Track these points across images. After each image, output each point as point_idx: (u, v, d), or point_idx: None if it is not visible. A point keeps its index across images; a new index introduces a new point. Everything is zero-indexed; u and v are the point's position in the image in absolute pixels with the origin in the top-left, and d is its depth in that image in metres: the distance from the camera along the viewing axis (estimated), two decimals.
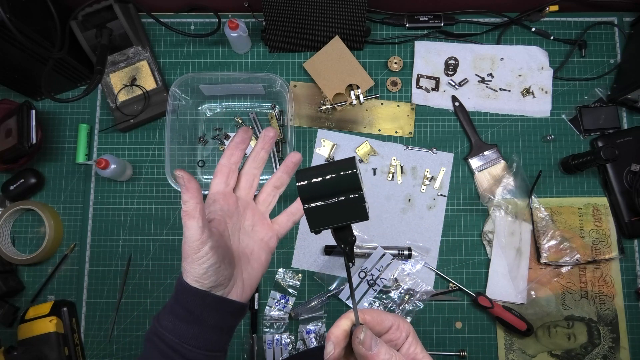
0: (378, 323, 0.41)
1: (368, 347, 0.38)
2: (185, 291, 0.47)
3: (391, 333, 0.42)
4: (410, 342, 0.42)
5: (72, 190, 1.01)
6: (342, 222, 0.41)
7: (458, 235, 0.97)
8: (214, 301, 0.48)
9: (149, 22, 1.04)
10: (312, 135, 1.01)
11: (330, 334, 0.40)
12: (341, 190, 0.40)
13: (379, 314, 0.42)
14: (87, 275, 0.98)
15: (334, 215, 0.41)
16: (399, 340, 0.42)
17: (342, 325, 0.40)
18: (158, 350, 0.47)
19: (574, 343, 0.93)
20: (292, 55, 1.04)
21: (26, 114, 0.92)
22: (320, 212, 0.41)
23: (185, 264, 0.46)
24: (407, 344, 0.42)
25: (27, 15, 0.82)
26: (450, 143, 1.00)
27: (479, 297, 0.92)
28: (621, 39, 1.03)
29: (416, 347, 0.42)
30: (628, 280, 0.95)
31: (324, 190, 0.40)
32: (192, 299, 0.47)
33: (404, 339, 0.42)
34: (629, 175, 0.94)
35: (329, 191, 0.40)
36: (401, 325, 0.42)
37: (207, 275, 0.46)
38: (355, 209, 0.40)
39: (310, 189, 0.40)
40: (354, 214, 0.40)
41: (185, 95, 0.98)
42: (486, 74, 1.02)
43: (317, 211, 0.41)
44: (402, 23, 1.03)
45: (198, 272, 0.46)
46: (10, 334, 0.95)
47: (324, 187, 0.40)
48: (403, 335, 0.42)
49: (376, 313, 0.42)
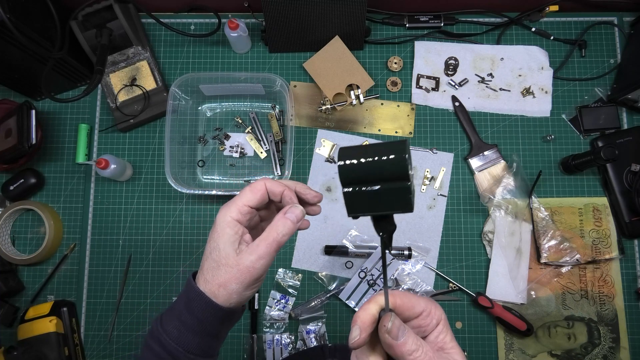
0: (409, 308, 0.39)
1: (395, 336, 0.36)
2: (204, 305, 0.46)
3: (421, 319, 0.40)
4: (440, 329, 0.40)
5: (72, 190, 1.01)
6: (383, 212, 0.37)
7: (458, 235, 0.97)
8: (227, 315, 0.47)
9: (149, 22, 1.04)
10: (312, 135, 1.01)
11: (356, 317, 0.38)
12: (386, 177, 0.36)
13: (410, 299, 0.40)
14: (87, 275, 0.98)
15: (376, 203, 0.37)
16: (429, 327, 0.40)
17: (370, 309, 0.38)
18: (156, 357, 0.47)
19: (574, 343, 0.93)
20: (292, 55, 1.04)
21: (26, 114, 0.92)
22: (360, 198, 0.37)
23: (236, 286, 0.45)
24: (436, 331, 0.40)
25: (27, 15, 0.82)
26: (450, 143, 1.00)
27: (479, 297, 0.92)
28: (621, 39, 1.03)
29: (446, 336, 0.40)
30: (628, 280, 0.95)
31: (367, 175, 0.36)
32: (210, 313, 0.46)
33: (433, 326, 0.40)
34: (629, 175, 0.94)
35: (373, 176, 0.36)
36: (432, 312, 0.40)
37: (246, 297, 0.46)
38: (399, 199, 0.36)
39: (352, 171, 0.36)
40: (397, 204, 0.37)
41: (185, 95, 0.98)
42: (486, 74, 1.02)
43: (356, 196, 0.37)
44: (402, 23, 1.03)
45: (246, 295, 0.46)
46: (10, 334, 0.95)
47: (367, 171, 0.36)
48: (434, 322, 0.40)
49: (407, 297, 0.40)
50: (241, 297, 0.46)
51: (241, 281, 0.45)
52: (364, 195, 0.37)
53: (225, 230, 0.46)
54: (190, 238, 0.99)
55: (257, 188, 0.48)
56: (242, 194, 0.48)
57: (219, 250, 0.45)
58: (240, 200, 0.48)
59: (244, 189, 0.49)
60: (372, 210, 0.37)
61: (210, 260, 0.46)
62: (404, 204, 0.36)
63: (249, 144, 1.01)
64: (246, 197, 0.48)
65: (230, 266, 0.45)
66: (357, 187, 0.37)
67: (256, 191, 0.48)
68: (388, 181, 0.36)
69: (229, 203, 0.48)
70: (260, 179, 0.50)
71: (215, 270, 0.45)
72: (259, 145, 1.01)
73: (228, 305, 0.46)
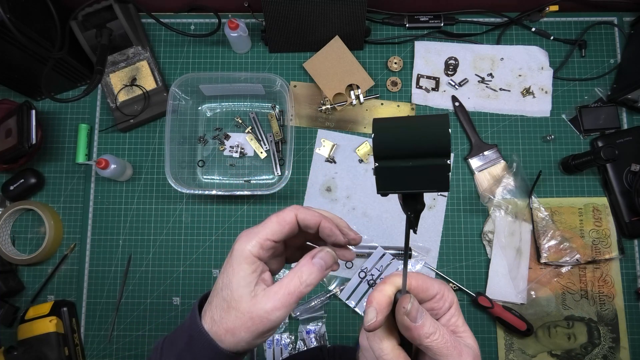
0: (423, 290, 0.38)
1: (413, 318, 0.35)
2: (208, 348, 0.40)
3: (434, 302, 0.39)
4: (453, 313, 0.39)
5: (72, 190, 1.01)
6: (416, 189, 0.34)
7: (458, 235, 0.97)
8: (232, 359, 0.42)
9: (149, 22, 1.04)
10: (312, 135, 1.01)
11: (372, 298, 0.36)
12: (425, 153, 0.33)
13: (425, 281, 0.38)
14: (87, 275, 0.98)
15: (409, 179, 0.34)
16: (441, 310, 0.39)
17: (386, 290, 0.37)
18: None
19: (574, 343, 0.93)
20: (292, 55, 1.04)
21: (26, 114, 0.92)
22: (393, 174, 0.34)
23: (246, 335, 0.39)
24: (448, 314, 0.39)
25: (27, 15, 0.82)
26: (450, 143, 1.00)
27: (479, 297, 0.92)
28: (621, 39, 1.03)
29: (458, 319, 0.40)
30: (628, 280, 0.95)
31: (404, 149, 0.33)
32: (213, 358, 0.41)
33: (446, 309, 0.39)
34: (629, 175, 0.94)
35: (411, 151, 0.33)
36: (445, 294, 0.39)
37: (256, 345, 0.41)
38: (437, 177, 0.33)
39: (388, 144, 0.33)
40: (433, 182, 0.33)
41: (185, 95, 0.98)
42: (486, 74, 1.02)
43: (389, 172, 0.34)
44: (402, 23, 1.03)
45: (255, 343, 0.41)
46: (10, 334, 0.95)
47: (405, 145, 0.33)
48: (446, 304, 0.39)
49: (422, 279, 0.38)
50: (250, 345, 0.41)
51: (252, 331, 0.39)
52: (397, 171, 0.33)
53: (241, 266, 0.40)
54: (190, 238, 0.99)
55: (286, 220, 0.42)
56: (266, 224, 0.41)
57: (231, 290, 0.40)
58: (264, 231, 0.41)
59: (270, 218, 0.42)
60: (404, 188, 0.34)
61: (220, 298, 0.40)
62: (440, 182, 0.33)
63: (249, 144, 1.01)
64: (271, 229, 0.41)
65: (241, 312, 0.39)
66: (391, 161, 0.33)
67: (284, 223, 0.41)
68: (426, 157, 0.33)
69: (250, 233, 0.41)
70: (291, 208, 0.42)
71: (224, 312, 0.40)
72: (259, 145, 1.01)
73: (235, 350, 0.41)
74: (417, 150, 0.33)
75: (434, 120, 0.32)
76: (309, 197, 0.99)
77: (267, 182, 1.00)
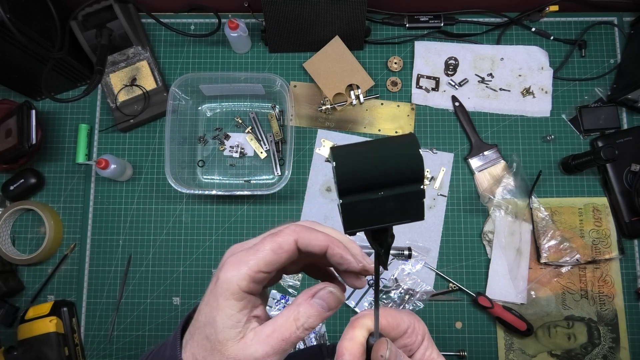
0: (394, 327, 0.34)
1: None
2: None
3: (406, 337, 0.35)
4: (426, 345, 0.36)
5: (72, 190, 1.01)
6: (389, 223, 0.30)
7: (458, 235, 0.97)
8: None
9: (149, 22, 1.04)
10: (312, 135, 1.01)
11: (343, 349, 0.32)
12: (396, 181, 0.29)
13: (395, 316, 0.35)
14: (87, 275, 0.98)
15: (380, 212, 0.30)
16: (414, 345, 0.36)
17: (357, 337, 0.33)
18: None
19: (574, 343, 0.93)
20: (292, 55, 1.04)
21: (26, 114, 0.92)
22: (362, 209, 0.30)
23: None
24: (422, 348, 0.36)
25: (27, 15, 0.82)
26: (450, 143, 1.00)
27: (479, 297, 0.92)
28: (621, 39, 1.03)
29: (432, 351, 0.36)
30: (628, 280, 0.95)
31: (372, 179, 0.29)
32: None
33: (419, 343, 0.36)
34: (629, 175, 0.94)
35: (379, 181, 0.29)
36: (417, 327, 0.36)
37: None
38: (410, 206, 0.30)
39: (353, 176, 0.29)
40: (407, 212, 0.30)
41: (185, 95, 0.98)
42: (486, 74, 1.02)
43: (357, 207, 0.29)
44: (402, 23, 1.03)
45: None
46: (10, 334, 0.95)
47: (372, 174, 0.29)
48: (419, 338, 0.36)
49: (391, 315, 0.35)
50: None
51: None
52: (366, 204, 0.29)
53: (228, 302, 0.33)
54: (190, 238, 0.99)
55: (283, 248, 0.33)
56: (259, 250, 0.33)
57: (215, 330, 0.33)
58: (256, 261, 0.33)
59: (263, 242, 0.34)
60: (375, 223, 0.30)
61: (203, 336, 0.33)
62: (414, 211, 0.30)
63: (249, 144, 1.01)
64: (264, 259, 0.33)
65: (227, 357, 0.32)
66: (357, 195, 0.29)
67: (281, 252, 0.33)
68: (396, 186, 0.29)
69: (240, 260, 0.33)
70: (290, 231, 0.34)
71: (207, 353, 0.33)
72: (259, 145, 1.01)
73: None
74: (387, 179, 0.29)
75: (402, 142, 0.29)
76: (309, 197, 0.99)
77: (267, 182, 1.00)
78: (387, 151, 0.29)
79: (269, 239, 0.34)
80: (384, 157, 0.29)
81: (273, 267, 0.33)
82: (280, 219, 0.99)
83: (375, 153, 0.29)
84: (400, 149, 0.29)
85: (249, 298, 0.33)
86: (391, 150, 0.29)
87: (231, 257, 0.34)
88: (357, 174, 0.29)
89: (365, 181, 0.29)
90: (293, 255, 0.34)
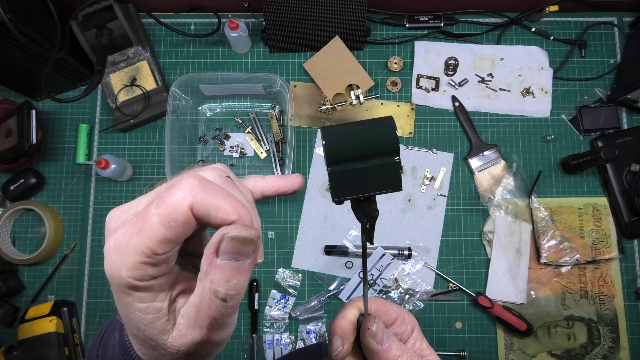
0: (384, 313, 0.37)
1: (380, 340, 0.33)
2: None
3: (396, 326, 0.38)
4: (416, 337, 0.38)
5: (72, 190, 1.01)
6: (371, 192, 0.34)
7: (458, 235, 0.97)
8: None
9: (149, 22, 1.04)
10: (312, 135, 1.01)
11: (335, 326, 0.34)
12: (376, 153, 0.34)
13: (384, 304, 0.37)
14: (87, 275, 0.98)
15: (363, 182, 0.34)
16: (404, 335, 0.38)
17: (348, 315, 0.35)
18: None
19: (574, 343, 0.93)
20: (292, 55, 1.04)
21: (26, 114, 0.92)
22: (347, 178, 0.34)
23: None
24: (412, 338, 0.38)
25: (27, 15, 0.82)
26: (450, 143, 1.00)
27: (479, 297, 0.92)
28: (621, 39, 1.03)
29: (422, 343, 0.38)
30: (628, 280, 0.95)
31: (355, 152, 0.33)
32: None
33: (409, 333, 0.38)
34: (628, 175, 0.94)
35: (361, 153, 0.34)
36: (406, 318, 0.38)
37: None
38: (389, 176, 0.34)
39: (339, 148, 0.33)
40: (386, 182, 0.34)
41: (185, 95, 0.98)
42: (486, 74, 1.02)
43: (343, 176, 0.34)
44: (402, 23, 1.03)
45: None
46: (10, 334, 0.95)
47: (355, 148, 0.33)
48: (409, 328, 0.38)
49: (381, 302, 0.37)
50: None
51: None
52: (350, 174, 0.34)
53: (132, 297, 0.26)
54: None
55: (176, 219, 0.25)
56: (145, 225, 0.25)
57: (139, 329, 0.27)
58: (143, 243, 0.25)
59: (149, 209, 0.25)
60: (359, 192, 0.34)
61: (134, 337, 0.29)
62: (393, 181, 0.34)
63: (249, 144, 1.01)
64: (154, 238, 0.25)
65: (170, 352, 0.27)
66: (343, 164, 0.34)
67: (174, 225, 0.25)
68: (376, 157, 0.34)
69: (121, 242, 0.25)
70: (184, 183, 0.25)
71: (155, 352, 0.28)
72: (259, 145, 1.01)
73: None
74: (367, 150, 0.33)
75: (381, 121, 0.34)
76: (309, 197, 0.99)
77: None
78: (368, 126, 0.34)
79: (155, 203, 0.25)
80: (366, 131, 0.34)
81: (170, 246, 0.25)
82: (280, 219, 0.99)
83: (358, 127, 0.34)
84: (380, 126, 0.34)
85: (156, 282, 0.26)
86: (372, 127, 0.34)
87: (111, 239, 0.26)
88: (342, 145, 0.33)
89: (350, 151, 0.33)
90: (192, 227, 0.26)
